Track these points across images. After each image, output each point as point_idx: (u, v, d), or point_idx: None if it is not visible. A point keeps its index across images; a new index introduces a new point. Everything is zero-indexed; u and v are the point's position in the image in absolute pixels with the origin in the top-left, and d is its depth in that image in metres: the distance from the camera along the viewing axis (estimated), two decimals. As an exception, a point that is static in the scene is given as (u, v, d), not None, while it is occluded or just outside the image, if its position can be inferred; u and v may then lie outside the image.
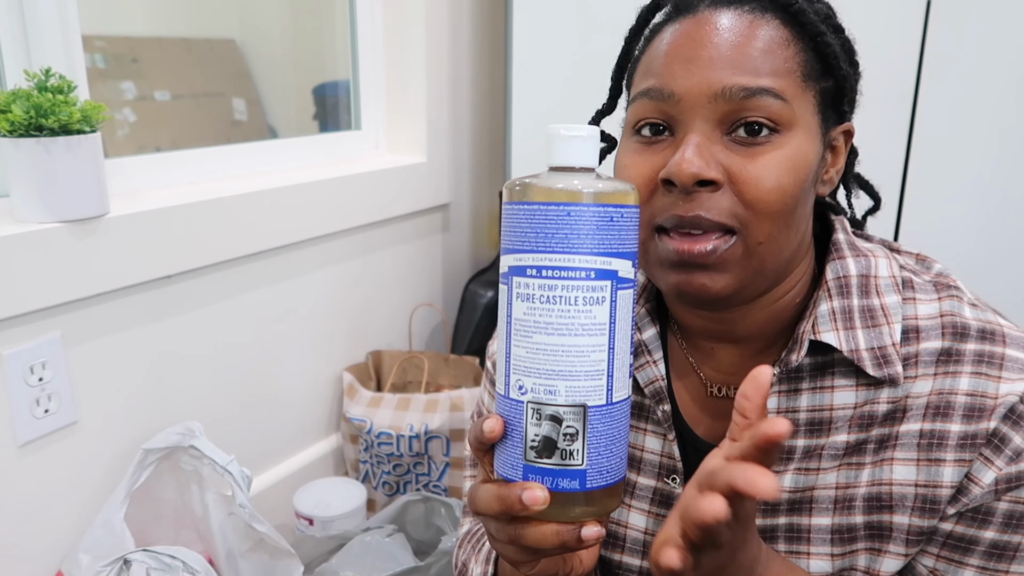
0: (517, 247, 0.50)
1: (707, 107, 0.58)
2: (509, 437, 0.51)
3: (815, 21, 0.61)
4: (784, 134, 0.58)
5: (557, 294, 0.49)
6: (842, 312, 0.63)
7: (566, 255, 0.49)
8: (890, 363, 0.61)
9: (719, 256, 0.58)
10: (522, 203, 0.50)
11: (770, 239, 0.59)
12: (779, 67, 0.59)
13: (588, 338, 0.49)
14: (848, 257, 0.65)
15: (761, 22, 0.60)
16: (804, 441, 0.64)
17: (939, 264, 0.69)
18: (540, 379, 0.50)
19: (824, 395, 0.63)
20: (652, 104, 0.60)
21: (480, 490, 0.52)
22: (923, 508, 0.61)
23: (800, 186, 0.59)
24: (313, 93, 1.78)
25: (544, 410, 0.50)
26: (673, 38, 0.61)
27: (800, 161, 0.59)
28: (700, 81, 0.58)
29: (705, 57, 0.58)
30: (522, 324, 0.50)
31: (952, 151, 1.24)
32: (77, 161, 0.98)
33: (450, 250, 1.82)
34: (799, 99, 0.59)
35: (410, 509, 1.35)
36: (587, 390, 0.49)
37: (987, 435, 0.59)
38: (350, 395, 1.49)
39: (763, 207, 0.58)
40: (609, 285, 0.49)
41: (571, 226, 0.49)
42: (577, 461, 0.50)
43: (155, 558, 1.01)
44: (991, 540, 0.60)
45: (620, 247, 0.50)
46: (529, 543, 0.51)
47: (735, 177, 0.58)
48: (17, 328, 0.99)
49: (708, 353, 0.69)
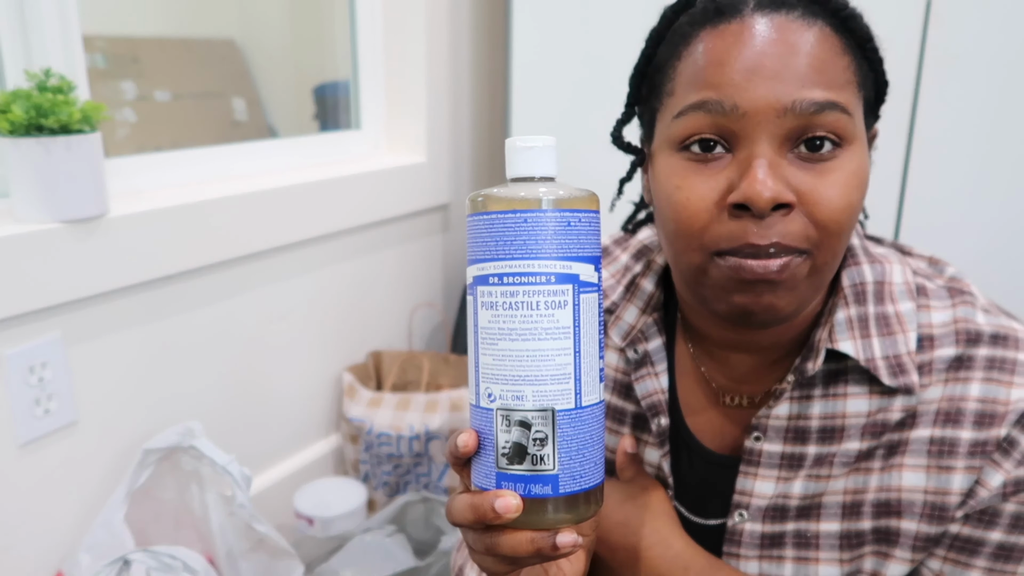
0: (480, 257, 0.51)
1: (775, 122, 0.54)
2: (482, 447, 0.51)
3: (865, 27, 0.59)
4: (847, 148, 0.56)
5: (519, 300, 0.49)
6: (859, 320, 0.62)
7: (526, 261, 0.49)
8: (905, 372, 0.61)
9: (790, 274, 0.55)
10: (483, 214, 0.51)
11: (834, 257, 0.57)
12: (839, 79, 0.56)
13: (552, 342, 0.50)
14: (864, 264, 0.64)
15: (815, 30, 0.56)
16: (816, 448, 0.63)
17: (952, 267, 0.68)
18: (508, 385, 0.50)
19: (837, 403, 0.63)
20: (709, 118, 0.56)
21: (455, 501, 0.52)
22: (931, 515, 0.60)
23: (863, 200, 0.58)
24: (313, 93, 1.78)
25: (513, 416, 0.50)
26: (724, 44, 0.56)
27: (863, 176, 0.57)
28: (767, 94, 0.54)
29: (769, 67, 0.54)
30: (487, 332, 0.51)
31: (952, 151, 1.24)
32: (77, 161, 0.98)
33: (450, 250, 1.82)
34: (857, 111, 0.57)
35: (410, 509, 1.35)
36: (555, 394, 0.50)
37: (998, 441, 0.58)
38: (350, 395, 1.49)
39: (835, 227, 0.55)
40: (571, 289, 0.50)
41: (529, 232, 0.49)
42: (548, 466, 0.50)
43: (155, 558, 1.01)
44: (998, 541, 0.60)
45: (580, 251, 0.50)
46: (505, 551, 0.51)
47: (806, 198, 0.55)
48: (17, 328, 0.99)
49: (722, 361, 0.68)
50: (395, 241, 1.64)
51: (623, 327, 0.71)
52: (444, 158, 1.73)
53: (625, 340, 0.71)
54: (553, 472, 0.50)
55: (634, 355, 0.70)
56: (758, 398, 0.68)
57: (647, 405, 0.69)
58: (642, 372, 0.70)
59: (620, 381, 0.72)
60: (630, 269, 0.74)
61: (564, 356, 0.50)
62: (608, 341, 0.73)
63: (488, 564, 0.54)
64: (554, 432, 0.50)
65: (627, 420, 0.72)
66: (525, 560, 0.53)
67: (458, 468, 0.54)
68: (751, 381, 0.68)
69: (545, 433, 0.50)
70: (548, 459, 0.50)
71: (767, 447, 0.64)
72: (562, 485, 0.50)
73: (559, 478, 0.50)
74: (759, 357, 0.66)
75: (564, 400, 0.50)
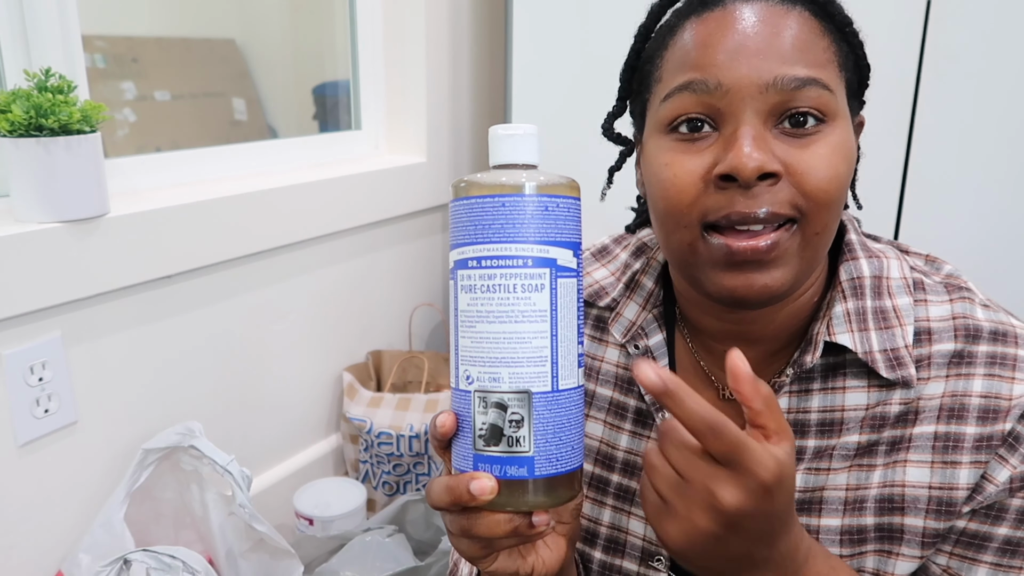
0: (460, 241, 0.52)
1: (758, 98, 0.56)
2: (461, 429, 0.52)
3: (843, 12, 0.61)
4: (830, 123, 0.58)
5: (496, 283, 0.50)
6: (856, 313, 0.63)
7: (503, 244, 0.50)
8: (903, 365, 0.61)
9: (780, 251, 0.57)
10: (464, 199, 0.52)
11: (825, 229, 0.58)
12: (820, 58, 0.58)
13: (529, 324, 0.50)
14: (861, 258, 0.65)
15: (794, 14, 0.59)
16: (815, 441, 0.64)
17: (949, 265, 0.69)
18: (485, 367, 0.51)
19: (836, 396, 0.63)
20: (695, 98, 0.58)
21: (433, 484, 0.52)
22: (939, 510, 0.60)
23: (850, 175, 0.59)
24: (313, 93, 1.78)
25: (489, 398, 0.50)
26: (708, 29, 0.58)
27: (848, 150, 0.59)
28: (750, 71, 0.56)
29: (752, 47, 0.57)
30: (466, 315, 0.51)
31: (952, 150, 1.24)
32: (77, 161, 0.98)
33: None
34: (839, 90, 0.59)
35: (410, 509, 1.35)
36: (531, 376, 0.50)
37: (1003, 436, 0.59)
38: (350, 395, 1.49)
39: (823, 196, 0.57)
40: (548, 272, 0.50)
41: (506, 216, 0.50)
42: (524, 448, 0.50)
43: (155, 558, 1.01)
44: (1005, 536, 0.60)
45: (558, 236, 0.51)
46: (481, 532, 0.51)
47: (793, 168, 0.57)
48: (17, 328, 0.99)
49: (721, 355, 0.68)
50: (395, 241, 1.64)
51: (624, 323, 0.72)
52: (444, 158, 1.73)
53: (626, 336, 0.71)
54: (529, 454, 0.50)
55: (635, 351, 0.71)
56: None
57: (651, 399, 0.69)
58: None
59: (622, 376, 0.72)
60: (630, 266, 0.74)
61: (540, 339, 0.50)
62: (609, 338, 0.73)
63: (464, 547, 0.54)
64: (530, 414, 0.50)
65: (628, 415, 0.72)
66: (501, 541, 0.53)
67: (440, 451, 0.54)
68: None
69: (521, 415, 0.50)
70: (524, 441, 0.50)
71: None
72: (538, 467, 0.51)
73: (535, 460, 0.50)
74: (757, 350, 0.67)
75: (540, 383, 0.50)
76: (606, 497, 0.72)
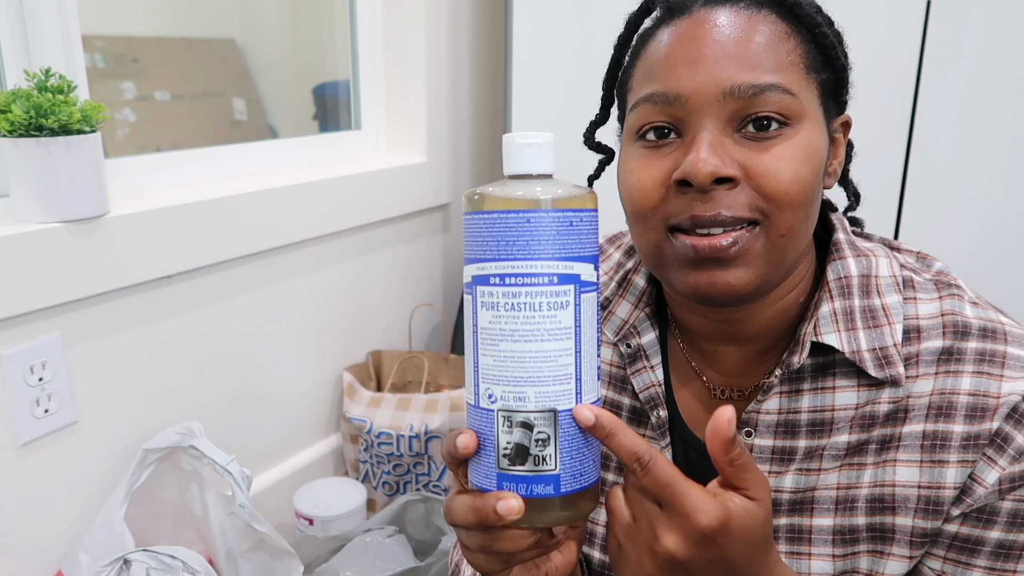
0: (479, 256, 0.51)
1: (715, 106, 0.57)
2: (482, 447, 0.51)
3: (811, 13, 0.61)
4: (794, 126, 0.58)
5: (521, 301, 0.49)
6: (844, 313, 0.63)
7: (528, 262, 0.49)
8: (892, 364, 0.61)
9: (741, 248, 0.57)
10: (481, 212, 0.50)
11: (791, 231, 0.59)
12: (783, 61, 0.58)
13: (555, 343, 0.50)
14: (849, 257, 0.65)
15: (759, 17, 0.59)
16: (805, 442, 0.64)
17: (939, 262, 0.69)
18: (509, 386, 0.50)
19: (825, 396, 0.63)
20: (656, 108, 0.59)
21: (455, 502, 0.52)
22: (927, 509, 0.60)
23: (816, 176, 0.59)
24: (313, 93, 1.78)
25: (515, 417, 0.50)
26: (671, 40, 0.60)
27: (813, 151, 0.59)
28: (707, 80, 0.57)
29: (709, 56, 0.58)
30: (488, 333, 0.50)
31: (952, 151, 1.24)
32: (77, 161, 0.98)
33: (450, 250, 1.82)
34: (805, 92, 0.59)
35: (410, 509, 1.35)
36: (556, 395, 0.50)
37: (990, 435, 0.59)
38: (350, 395, 1.49)
39: (784, 198, 0.57)
40: (572, 289, 0.50)
41: (531, 233, 0.49)
42: (550, 467, 0.50)
43: (155, 558, 1.01)
44: (997, 540, 0.60)
45: (581, 251, 0.50)
46: (504, 548, 0.51)
47: (752, 171, 0.57)
48: (17, 328, 0.99)
49: (711, 355, 0.69)
50: (395, 241, 1.64)
51: (616, 322, 0.72)
52: (444, 158, 1.73)
53: (618, 335, 0.72)
54: (555, 472, 0.50)
55: (627, 349, 0.71)
56: (748, 391, 0.68)
57: (645, 398, 0.70)
58: (638, 366, 0.70)
59: (615, 375, 0.73)
60: (622, 265, 0.75)
61: (566, 356, 0.50)
62: (602, 336, 0.73)
63: (481, 561, 0.54)
64: (556, 433, 0.50)
65: (623, 414, 0.72)
66: (523, 556, 0.53)
67: (454, 467, 0.54)
68: (740, 375, 0.68)
69: (547, 434, 0.50)
70: (550, 459, 0.50)
71: (758, 442, 0.65)
72: (563, 485, 0.50)
73: (560, 478, 0.50)
74: (745, 350, 0.67)
75: (566, 400, 0.50)
76: (603, 497, 0.72)
